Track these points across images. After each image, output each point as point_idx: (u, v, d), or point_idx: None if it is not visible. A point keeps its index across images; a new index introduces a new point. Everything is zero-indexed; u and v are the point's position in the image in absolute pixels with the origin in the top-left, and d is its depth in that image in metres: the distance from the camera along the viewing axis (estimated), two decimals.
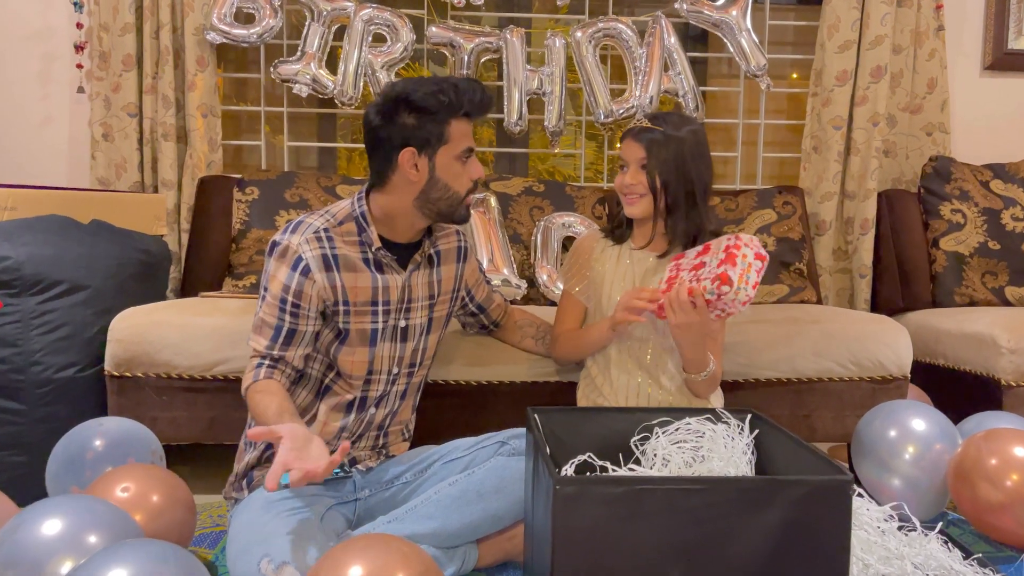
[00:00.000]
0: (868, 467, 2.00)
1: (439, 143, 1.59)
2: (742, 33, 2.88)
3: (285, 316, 1.59)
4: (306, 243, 1.59)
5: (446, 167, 1.60)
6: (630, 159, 1.77)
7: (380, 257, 1.64)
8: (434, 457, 1.72)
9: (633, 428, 1.51)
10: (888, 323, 2.21)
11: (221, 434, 2.04)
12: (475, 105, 1.60)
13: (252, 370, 1.60)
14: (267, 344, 1.60)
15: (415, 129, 1.57)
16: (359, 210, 1.64)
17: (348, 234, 1.63)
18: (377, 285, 1.64)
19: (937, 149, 3.00)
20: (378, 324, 1.66)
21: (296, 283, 1.58)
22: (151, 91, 2.78)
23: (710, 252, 1.64)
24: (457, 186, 1.63)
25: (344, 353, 1.65)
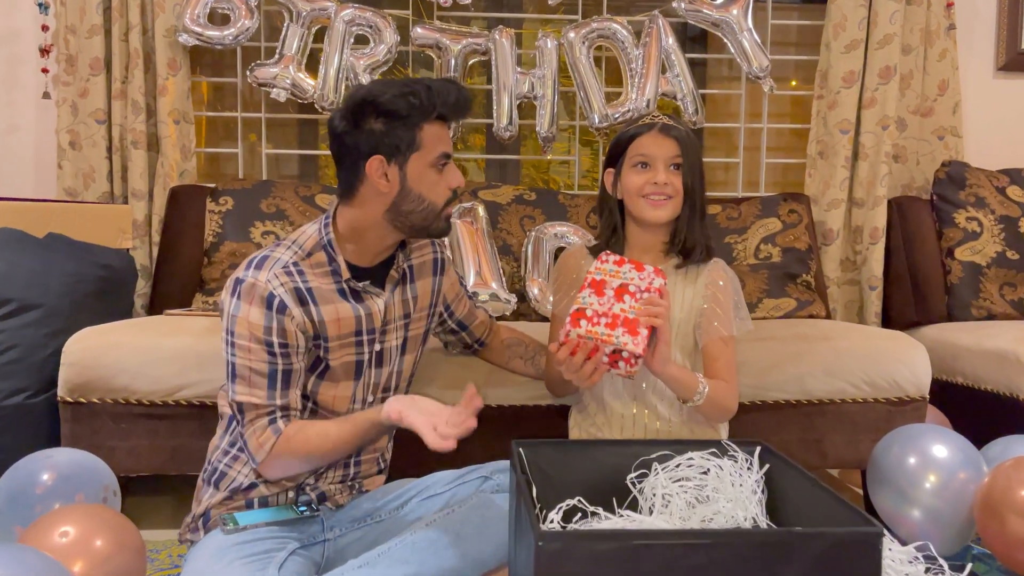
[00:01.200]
0: (886, 497, 1.85)
1: (410, 149, 1.44)
2: (743, 33, 2.74)
3: (276, 359, 1.42)
4: (275, 278, 1.43)
5: (419, 176, 1.45)
6: (658, 155, 1.59)
7: (353, 287, 1.49)
8: (411, 492, 1.57)
9: (629, 463, 1.35)
10: (904, 339, 2.06)
11: (184, 464, 1.89)
12: (450, 106, 1.45)
13: (264, 429, 1.42)
14: (266, 395, 1.42)
15: (383, 135, 1.42)
16: (326, 238, 1.49)
17: (318, 265, 1.48)
18: (360, 315, 1.50)
19: (949, 154, 2.85)
20: (363, 355, 1.51)
21: (276, 322, 1.41)
22: (120, 96, 2.64)
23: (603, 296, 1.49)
24: (433, 196, 1.48)
25: (325, 388, 1.50)
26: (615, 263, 1.49)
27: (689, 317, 1.63)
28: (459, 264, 2.40)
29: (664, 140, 1.59)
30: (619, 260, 1.50)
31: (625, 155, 1.63)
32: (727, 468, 1.30)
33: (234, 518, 1.44)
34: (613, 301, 1.46)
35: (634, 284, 1.46)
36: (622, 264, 1.48)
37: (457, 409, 1.32)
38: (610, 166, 1.67)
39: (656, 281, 1.46)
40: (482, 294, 2.36)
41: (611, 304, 1.45)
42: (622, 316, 1.44)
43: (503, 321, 2.15)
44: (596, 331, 1.43)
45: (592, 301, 1.46)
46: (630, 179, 1.62)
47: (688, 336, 1.64)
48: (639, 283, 1.46)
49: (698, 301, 1.64)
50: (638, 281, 1.46)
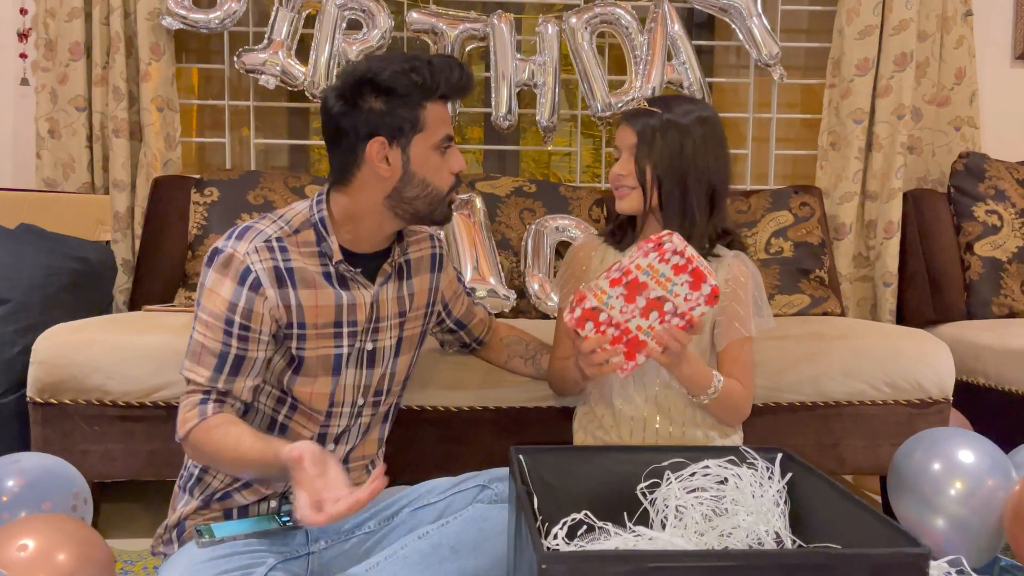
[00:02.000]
0: (908, 505, 1.74)
1: (413, 131, 1.32)
2: (752, 18, 2.63)
3: (232, 341, 1.32)
4: (254, 252, 1.32)
5: (423, 159, 1.34)
6: (621, 145, 1.52)
7: (343, 271, 1.38)
8: (403, 502, 1.45)
9: (639, 472, 1.24)
10: (926, 338, 1.94)
11: (162, 469, 1.77)
12: (453, 85, 1.34)
13: (194, 407, 1.32)
14: (209, 376, 1.32)
15: (384, 115, 1.31)
16: (318, 215, 1.38)
17: (305, 244, 1.37)
18: (341, 303, 1.38)
19: (966, 145, 2.74)
20: (343, 348, 1.39)
21: (245, 300, 1.31)
22: (101, 82, 2.52)
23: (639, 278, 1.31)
24: (437, 181, 1.36)
25: (301, 384, 1.38)
26: (674, 267, 1.29)
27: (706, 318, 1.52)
28: (456, 259, 2.29)
29: (625, 128, 1.51)
30: (682, 264, 1.28)
31: None
32: (746, 478, 1.19)
33: (210, 529, 1.32)
34: (636, 314, 1.31)
35: (672, 303, 1.30)
36: (680, 272, 1.29)
37: (352, 497, 1.08)
38: None
39: (698, 309, 1.31)
40: (480, 290, 2.24)
41: (631, 317, 1.31)
42: (632, 335, 1.31)
43: (501, 318, 2.04)
44: (596, 340, 1.32)
45: (614, 304, 1.30)
46: (611, 169, 1.56)
47: (704, 335, 1.53)
48: (679, 303, 1.30)
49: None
50: (680, 301, 1.30)
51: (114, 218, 2.50)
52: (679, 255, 1.28)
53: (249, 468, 1.26)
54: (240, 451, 1.24)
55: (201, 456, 1.32)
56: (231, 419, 1.30)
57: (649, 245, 1.29)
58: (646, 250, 1.29)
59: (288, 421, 1.40)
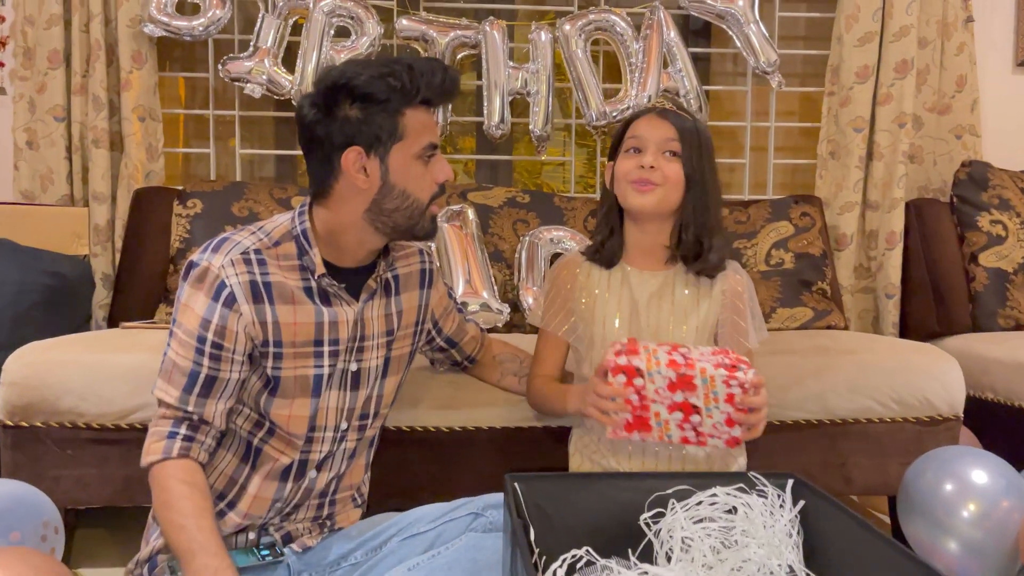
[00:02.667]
0: (919, 527, 1.67)
1: (392, 139, 1.25)
2: (750, 25, 2.57)
3: (203, 360, 1.24)
4: (230, 265, 1.25)
5: (403, 169, 1.27)
6: (651, 138, 1.41)
7: (325, 286, 1.30)
8: (391, 531, 1.37)
9: (642, 500, 1.16)
10: (935, 352, 1.88)
11: (138, 495, 1.68)
12: (435, 89, 1.27)
13: (160, 439, 1.25)
14: (179, 396, 1.25)
15: (360, 123, 1.23)
16: (300, 227, 1.30)
17: (285, 257, 1.29)
18: (322, 321, 1.30)
19: (967, 154, 2.68)
20: (323, 369, 1.31)
21: (218, 317, 1.24)
22: (80, 91, 2.44)
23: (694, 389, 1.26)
24: (418, 192, 1.29)
25: (278, 406, 1.30)
26: (728, 396, 1.22)
27: (705, 329, 1.45)
28: (447, 272, 2.21)
29: (659, 122, 1.43)
30: (736, 398, 1.23)
31: (621, 144, 1.47)
32: (757, 506, 1.11)
33: None
34: (666, 403, 1.25)
35: (702, 420, 1.25)
36: (729, 402, 1.22)
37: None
38: (611, 159, 1.49)
39: (714, 441, 1.27)
40: (472, 304, 2.17)
41: (660, 401, 1.25)
42: (647, 415, 1.26)
43: (494, 333, 1.97)
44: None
45: (657, 381, 1.23)
46: (621, 165, 1.45)
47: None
48: (706, 426, 1.25)
49: (714, 311, 1.46)
50: (708, 425, 1.25)
51: (94, 231, 2.42)
52: (740, 388, 1.23)
53: (172, 544, 1.20)
54: (183, 515, 1.19)
55: (152, 494, 1.25)
56: (185, 477, 1.22)
57: (727, 360, 1.24)
58: (721, 363, 1.24)
59: (263, 445, 1.32)
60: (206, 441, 1.27)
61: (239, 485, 1.32)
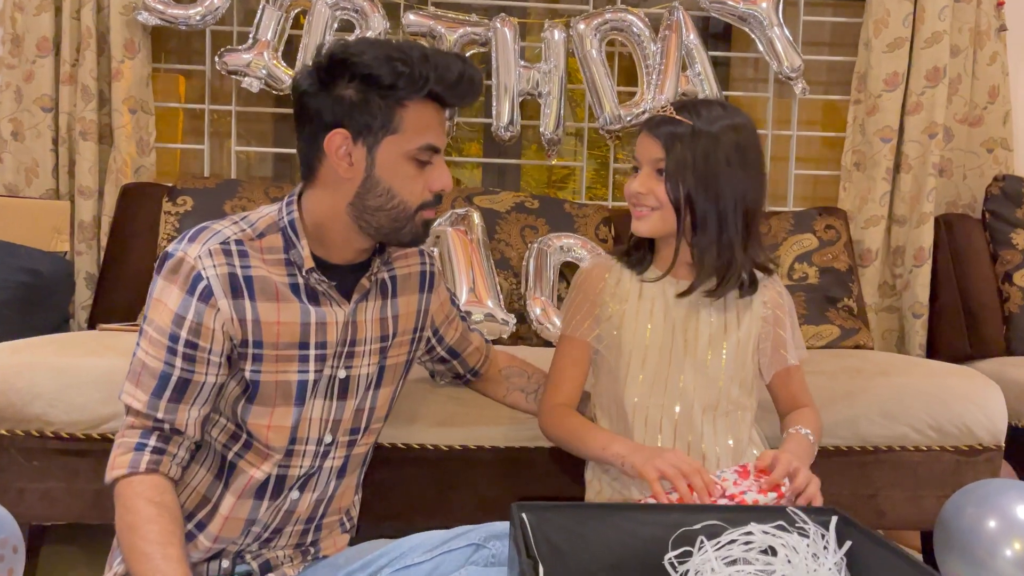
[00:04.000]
0: (958, 565, 1.55)
1: (385, 130, 1.12)
2: (773, 28, 2.45)
3: (176, 360, 1.12)
4: (208, 256, 1.12)
5: (391, 165, 1.13)
6: (643, 159, 1.28)
7: (314, 283, 1.17)
8: (383, 560, 1.23)
9: (668, 536, 1.03)
10: (975, 376, 1.75)
11: (109, 512, 1.50)
12: (448, 84, 1.13)
13: (127, 451, 1.12)
14: (147, 401, 1.12)
15: (354, 106, 1.11)
16: (287, 218, 1.18)
17: (271, 250, 1.17)
18: (309, 321, 1.17)
19: (999, 168, 2.56)
20: (308, 375, 1.18)
21: (193, 313, 1.11)
22: (69, 81, 2.32)
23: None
24: (405, 194, 1.15)
25: (256, 415, 1.17)
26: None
27: (746, 345, 1.32)
28: (450, 279, 2.08)
29: (648, 139, 1.28)
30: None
31: None
32: (801, 548, 0.98)
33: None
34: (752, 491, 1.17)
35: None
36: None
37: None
38: None
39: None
40: (476, 313, 2.04)
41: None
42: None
43: (499, 345, 1.83)
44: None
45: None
46: (626, 185, 1.33)
47: (745, 365, 1.32)
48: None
49: (755, 325, 1.33)
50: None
51: (78, 228, 2.30)
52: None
53: (132, 572, 1.07)
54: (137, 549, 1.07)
55: (116, 513, 1.12)
56: (161, 495, 1.10)
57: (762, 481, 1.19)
58: (763, 487, 1.18)
59: (238, 460, 1.19)
60: (179, 454, 1.14)
61: (211, 504, 1.19)
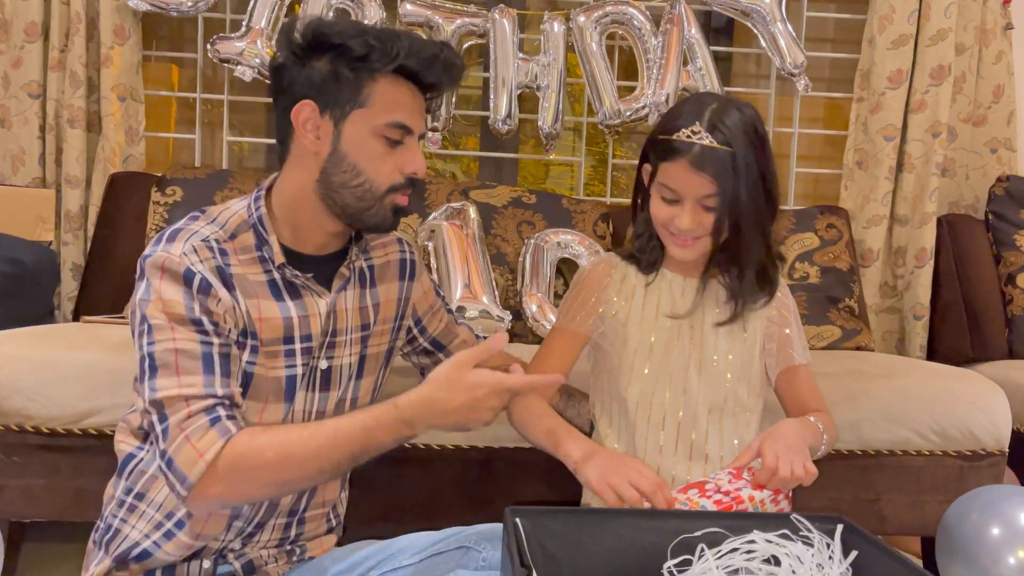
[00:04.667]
0: (960, 572, 1.52)
1: (352, 104, 1.09)
2: (776, 24, 2.41)
3: (210, 337, 1.06)
4: (192, 252, 1.07)
5: (358, 141, 1.10)
6: (687, 193, 1.18)
7: (290, 277, 1.13)
8: (369, 563, 1.20)
9: (667, 543, 0.99)
10: (979, 380, 1.72)
11: (89, 510, 1.49)
12: (421, 60, 1.10)
13: (206, 430, 1.02)
14: (203, 381, 1.04)
15: (324, 79, 1.09)
16: (256, 214, 1.14)
17: (244, 249, 1.12)
18: (290, 315, 1.13)
19: (1002, 169, 2.52)
20: (295, 369, 1.14)
21: (199, 303, 1.06)
22: (58, 67, 2.27)
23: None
24: (372, 173, 1.11)
25: (250, 410, 1.12)
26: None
27: (753, 344, 1.28)
28: (445, 274, 2.04)
29: (695, 176, 1.16)
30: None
31: (656, 169, 1.22)
32: (806, 558, 0.94)
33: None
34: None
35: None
36: None
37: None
38: (647, 160, 1.26)
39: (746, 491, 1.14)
40: (471, 310, 1.99)
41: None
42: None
43: None
44: None
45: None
46: (655, 207, 1.23)
47: (752, 365, 1.28)
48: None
49: (761, 324, 1.29)
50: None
51: (65, 218, 2.25)
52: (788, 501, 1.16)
53: (343, 449, 1.04)
54: (323, 433, 1.04)
55: (236, 490, 1.04)
56: (252, 431, 1.05)
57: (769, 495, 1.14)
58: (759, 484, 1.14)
59: None
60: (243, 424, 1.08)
61: None
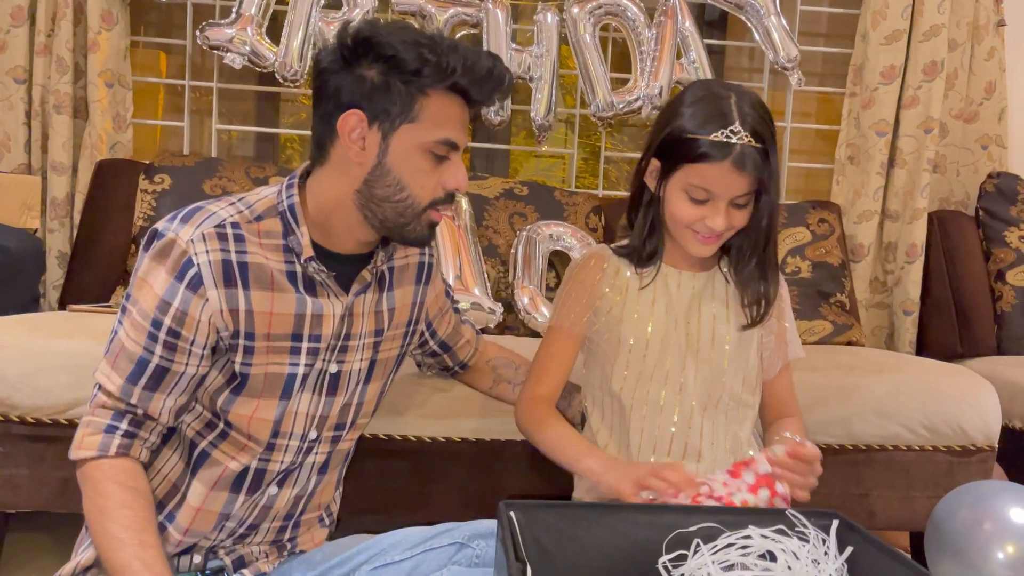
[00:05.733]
0: (950, 568, 1.50)
1: (403, 117, 1.05)
2: (770, 17, 2.40)
3: (156, 348, 1.05)
4: (201, 240, 1.05)
5: (405, 155, 1.07)
6: (723, 193, 1.16)
7: (312, 272, 1.11)
8: (361, 557, 1.19)
9: (662, 538, 0.98)
10: (970, 376, 1.72)
11: (75, 501, 1.43)
12: (475, 78, 1.06)
13: (98, 432, 1.06)
14: (122, 386, 1.06)
15: (376, 88, 1.04)
16: (287, 202, 1.11)
17: (269, 235, 1.10)
18: (304, 312, 1.11)
19: (993, 165, 2.53)
20: (298, 368, 1.12)
21: (180, 301, 1.04)
22: (44, 52, 2.24)
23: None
24: (416, 188, 1.08)
25: (240, 405, 1.11)
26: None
27: (750, 339, 1.27)
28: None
29: (736, 177, 1.14)
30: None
31: (678, 169, 1.18)
32: (802, 554, 0.93)
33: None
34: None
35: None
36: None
37: None
38: (658, 158, 1.22)
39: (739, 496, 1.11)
40: (463, 302, 1.98)
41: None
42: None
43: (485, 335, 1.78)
44: None
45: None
46: (680, 207, 1.19)
47: (748, 360, 1.28)
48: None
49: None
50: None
51: (51, 205, 2.23)
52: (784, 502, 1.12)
53: (106, 559, 1.02)
54: (111, 535, 1.02)
55: (83, 495, 1.07)
56: (134, 480, 1.06)
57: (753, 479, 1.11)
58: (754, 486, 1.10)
59: (212, 449, 1.13)
60: (150, 439, 1.09)
61: (181, 493, 1.13)
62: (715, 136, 1.13)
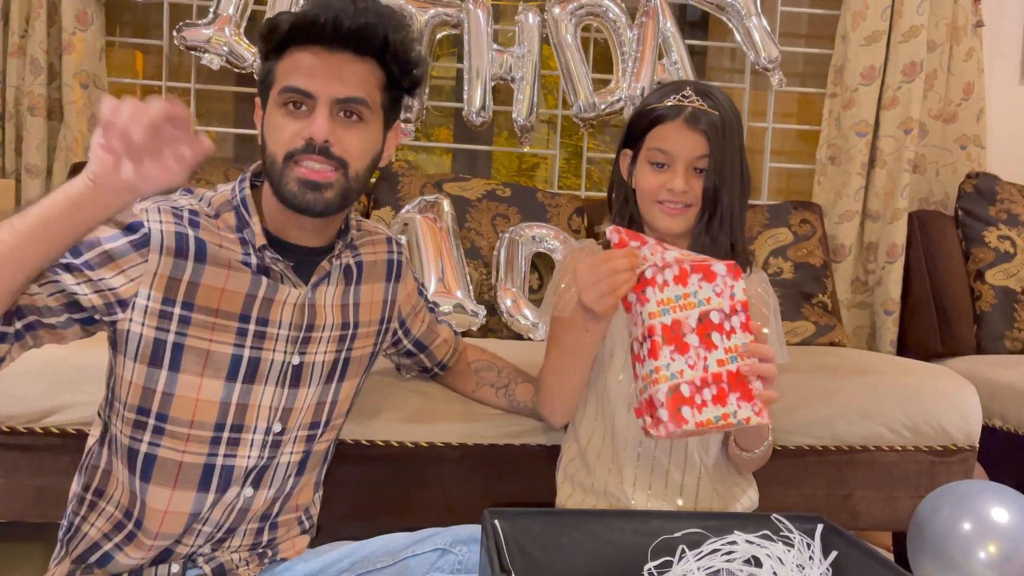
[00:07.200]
0: (932, 567, 1.52)
1: (267, 85, 1.09)
2: (751, 18, 2.41)
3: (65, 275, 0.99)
4: (155, 211, 1.05)
5: (268, 119, 1.10)
6: (679, 154, 1.20)
7: (268, 262, 1.10)
8: (342, 564, 1.17)
9: (647, 544, 0.98)
10: (951, 376, 1.73)
11: (51, 510, 1.46)
12: (306, 23, 1.05)
13: None
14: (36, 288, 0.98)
15: (260, 74, 1.13)
16: (240, 195, 1.11)
17: (226, 228, 1.10)
18: (256, 294, 1.09)
19: (972, 165, 2.55)
20: (243, 350, 1.09)
21: (119, 247, 1.01)
22: (18, 53, 2.21)
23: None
24: (272, 145, 1.07)
25: (179, 385, 1.06)
26: (676, 279, 0.99)
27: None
28: (418, 268, 2.01)
29: (689, 134, 1.19)
30: (679, 273, 1.00)
31: (643, 142, 1.24)
32: (788, 559, 0.93)
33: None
34: (703, 353, 0.99)
35: (714, 309, 1.00)
36: (683, 280, 0.99)
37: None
38: (627, 146, 1.28)
39: (737, 291, 1.02)
40: (445, 305, 1.97)
41: (703, 360, 0.99)
42: (724, 373, 0.99)
43: (468, 338, 1.76)
44: (710, 418, 0.97)
45: (680, 367, 0.97)
46: (644, 178, 1.23)
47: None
48: (718, 303, 1.00)
49: None
50: (715, 300, 1.00)
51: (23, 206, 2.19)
52: (661, 271, 1.01)
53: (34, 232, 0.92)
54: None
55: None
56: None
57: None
58: (639, 301, 1.01)
59: (155, 450, 1.08)
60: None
61: (140, 500, 1.09)
62: (669, 101, 1.22)
